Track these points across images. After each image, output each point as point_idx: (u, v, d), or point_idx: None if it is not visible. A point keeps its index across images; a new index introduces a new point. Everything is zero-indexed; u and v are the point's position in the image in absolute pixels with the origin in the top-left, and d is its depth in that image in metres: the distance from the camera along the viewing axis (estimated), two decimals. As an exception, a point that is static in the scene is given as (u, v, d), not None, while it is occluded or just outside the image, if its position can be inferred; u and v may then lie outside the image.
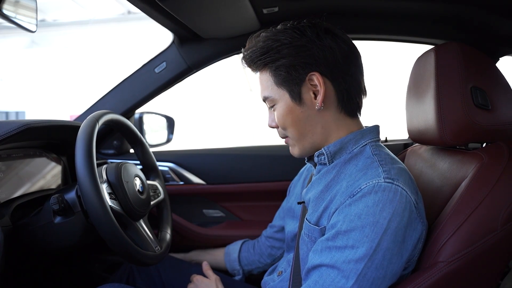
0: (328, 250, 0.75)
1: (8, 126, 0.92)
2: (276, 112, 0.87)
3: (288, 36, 0.82)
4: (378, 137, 0.88)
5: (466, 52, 0.86)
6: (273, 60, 0.83)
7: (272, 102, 0.88)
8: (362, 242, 0.71)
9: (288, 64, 0.82)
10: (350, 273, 0.71)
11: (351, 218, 0.74)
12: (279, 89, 0.85)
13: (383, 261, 0.71)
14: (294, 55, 0.82)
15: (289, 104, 0.85)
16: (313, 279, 0.76)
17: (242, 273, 1.27)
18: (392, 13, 1.27)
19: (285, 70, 0.83)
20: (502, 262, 0.78)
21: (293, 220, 1.04)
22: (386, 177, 0.75)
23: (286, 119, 0.86)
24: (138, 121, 1.55)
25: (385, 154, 0.83)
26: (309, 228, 0.85)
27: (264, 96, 0.89)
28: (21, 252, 0.95)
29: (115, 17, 8.29)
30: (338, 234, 0.74)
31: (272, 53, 0.83)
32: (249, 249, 1.28)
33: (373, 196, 0.73)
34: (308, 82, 0.83)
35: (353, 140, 0.85)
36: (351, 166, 0.83)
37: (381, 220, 0.71)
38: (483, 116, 0.83)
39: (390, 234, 0.71)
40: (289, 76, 0.83)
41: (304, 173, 1.13)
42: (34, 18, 0.93)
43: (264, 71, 0.86)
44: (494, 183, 0.76)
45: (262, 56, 0.84)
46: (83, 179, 0.83)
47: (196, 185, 1.51)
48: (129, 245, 0.88)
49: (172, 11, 1.07)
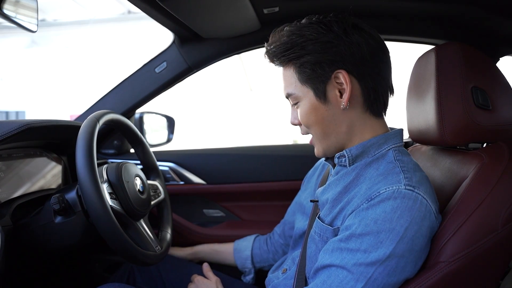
0: (340, 251, 0.74)
1: (8, 126, 0.92)
2: (300, 109, 0.85)
3: (313, 31, 0.79)
4: (402, 142, 0.86)
5: (467, 52, 0.85)
6: (297, 56, 0.80)
7: (295, 100, 0.85)
8: (376, 248, 0.70)
9: (313, 61, 0.79)
10: (360, 276, 0.70)
11: (367, 222, 0.72)
12: (303, 86, 0.82)
13: (396, 268, 0.70)
14: (320, 52, 0.78)
15: (314, 102, 0.82)
16: (322, 278, 0.75)
17: (254, 272, 1.25)
18: (393, 13, 1.27)
19: (310, 67, 0.80)
20: (502, 262, 0.78)
21: (303, 217, 1.03)
22: (407, 184, 0.73)
23: (310, 117, 0.83)
24: (138, 121, 1.55)
25: (408, 161, 0.81)
26: (321, 228, 0.83)
27: (287, 93, 0.86)
28: (21, 252, 0.95)
29: (115, 17, 8.28)
30: (351, 236, 0.73)
31: (297, 49, 0.80)
32: (262, 246, 1.25)
33: (392, 202, 0.72)
34: (333, 80, 0.80)
35: (376, 145, 0.83)
36: (371, 170, 0.80)
37: (397, 227, 0.70)
38: (483, 116, 0.83)
39: (406, 243, 0.70)
40: (314, 74, 0.80)
41: (319, 167, 1.10)
42: (34, 18, 0.93)
43: (288, 67, 0.84)
44: (494, 183, 0.76)
45: (286, 52, 0.81)
46: (84, 178, 0.83)
47: (197, 185, 1.52)
48: (130, 244, 0.88)
49: (173, 10, 1.07)
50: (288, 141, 6.41)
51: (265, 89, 8.27)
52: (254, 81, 8.73)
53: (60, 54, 8.85)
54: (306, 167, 1.21)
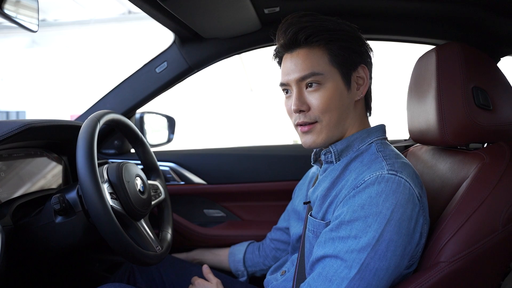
0: (332, 241, 0.76)
1: (9, 126, 0.92)
2: (322, 92, 0.84)
3: (345, 26, 0.87)
4: (384, 136, 0.89)
5: (467, 52, 0.85)
6: (337, 39, 0.84)
7: (319, 80, 0.83)
8: (365, 232, 0.72)
9: (351, 47, 0.85)
10: (353, 263, 0.72)
11: (354, 208, 0.74)
12: (332, 67, 0.84)
13: (386, 252, 0.71)
14: (354, 43, 0.86)
15: (340, 86, 0.85)
16: (317, 271, 0.76)
17: (247, 275, 1.27)
18: (393, 13, 1.27)
19: (346, 52, 0.84)
20: (503, 262, 0.78)
21: (299, 222, 1.04)
22: (389, 169, 0.76)
23: (333, 101, 0.84)
24: (139, 121, 1.55)
25: (389, 151, 0.84)
26: (313, 224, 0.85)
27: (312, 71, 0.83)
28: (22, 252, 0.95)
29: (116, 17, 8.28)
30: (341, 224, 0.75)
31: (340, 32, 0.85)
32: (254, 251, 1.28)
33: (376, 187, 0.74)
34: (357, 72, 0.86)
35: (359, 139, 0.87)
36: (356, 163, 0.84)
37: (384, 211, 0.72)
38: (484, 116, 0.83)
39: (393, 225, 0.72)
40: (348, 60, 0.85)
41: (309, 176, 1.13)
42: (35, 18, 0.93)
43: (318, 47, 0.84)
44: (495, 183, 0.76)
45: (328, 32, 0.84)
46: (84, 178, 0.83)
47: (197, 185, 1.51)
48: (130, 245, 0.88)
49: (173, 10, 1.07)
50: (288, 141, 6.42)
51: (266, 89, 8.27)
52: (255, 81, 8.73)
53: (60, 54, 8.86)
54: (307, 167, 1.21)
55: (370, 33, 1.36)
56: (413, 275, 0.77)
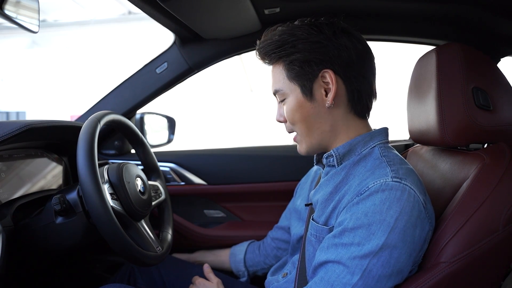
0: (335, 247, 0.75)
1: (9, 126, 0.92)
2: (286, 106, 0.87)
3: (304, 32, 0.83)
4: (387, 139, 0.88)
5: (467, 52, 0.86)
6: (287, 54, 0.83)
7: (282, 96, 0.88)
8: (368, 240, 0.71)
9: (302, 59, 0.82)
10: (355, 269, 0.71)
11: (358, 216, 0.74)
12: (291, 83, 0.85)
13: (389, 259, 0.71)
14: (309, 51, 0.82)
15: (300, 99, 0.85)
16: (319, 275, 0.76)
17: (247, 275, 1.27)
18: (393, 14, 1.27)
19: (298, 65, 0.83)
20: (503, 263, 0.78)
21: (299, 222, 1.04)
22: (394, 176, 0.75)
23: (295, 114, 0.86)
24: (139, 121, 1.55)
25: (393, 155, 0.83)
26: (316, 229, 0.85)
27: (275, 89, 0.89)
28: (22, 253, 0.95)
29: (116, 18, 8.29)
30: (344, 231, 0.75)
31: (288, 47, 0.83)
32: (255, 250, 1.27)
33: (380, 195, 0.73)
34: (320, 79, 0.83)
35: (362, 142, 0.85)
36: (360, 167, 0.83)
37: (388, 218, 0.71)
38: (484, 116, 0.83)
39: (397, 233, 0.71)
40: (302, 71, 0.83)
41: (312, 174, 1.12)
42: (36, 18, 0.93)
43: (277, 64, 0.87)
44: (495, 184, 0.76)
45: (277, 49, 0.84)
46: (85, 179, 0.83)
47: (197, 185, 1.52)
48: (131, 245, 0.88)
49: (173, 11, 1.07)
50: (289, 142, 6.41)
51: (266, 90, 8.27)
52: (255, 82, 8.74)
53: (60, 54, 8.86)
54: (307, 167, 1.21)
55: (370, 33, 1.36)
56: (414, 275, 0.77)
